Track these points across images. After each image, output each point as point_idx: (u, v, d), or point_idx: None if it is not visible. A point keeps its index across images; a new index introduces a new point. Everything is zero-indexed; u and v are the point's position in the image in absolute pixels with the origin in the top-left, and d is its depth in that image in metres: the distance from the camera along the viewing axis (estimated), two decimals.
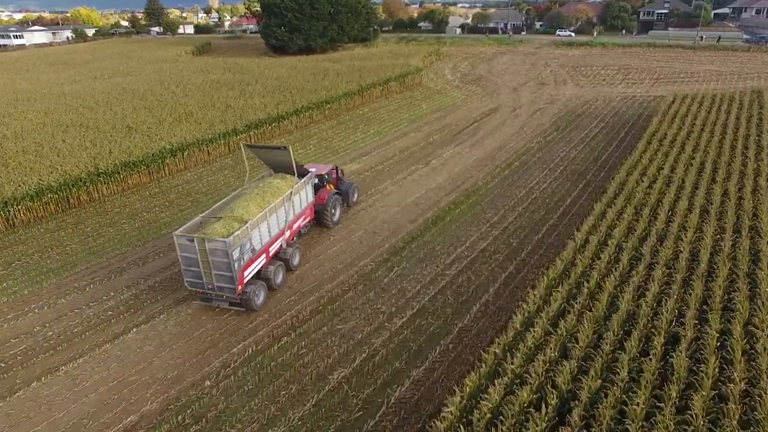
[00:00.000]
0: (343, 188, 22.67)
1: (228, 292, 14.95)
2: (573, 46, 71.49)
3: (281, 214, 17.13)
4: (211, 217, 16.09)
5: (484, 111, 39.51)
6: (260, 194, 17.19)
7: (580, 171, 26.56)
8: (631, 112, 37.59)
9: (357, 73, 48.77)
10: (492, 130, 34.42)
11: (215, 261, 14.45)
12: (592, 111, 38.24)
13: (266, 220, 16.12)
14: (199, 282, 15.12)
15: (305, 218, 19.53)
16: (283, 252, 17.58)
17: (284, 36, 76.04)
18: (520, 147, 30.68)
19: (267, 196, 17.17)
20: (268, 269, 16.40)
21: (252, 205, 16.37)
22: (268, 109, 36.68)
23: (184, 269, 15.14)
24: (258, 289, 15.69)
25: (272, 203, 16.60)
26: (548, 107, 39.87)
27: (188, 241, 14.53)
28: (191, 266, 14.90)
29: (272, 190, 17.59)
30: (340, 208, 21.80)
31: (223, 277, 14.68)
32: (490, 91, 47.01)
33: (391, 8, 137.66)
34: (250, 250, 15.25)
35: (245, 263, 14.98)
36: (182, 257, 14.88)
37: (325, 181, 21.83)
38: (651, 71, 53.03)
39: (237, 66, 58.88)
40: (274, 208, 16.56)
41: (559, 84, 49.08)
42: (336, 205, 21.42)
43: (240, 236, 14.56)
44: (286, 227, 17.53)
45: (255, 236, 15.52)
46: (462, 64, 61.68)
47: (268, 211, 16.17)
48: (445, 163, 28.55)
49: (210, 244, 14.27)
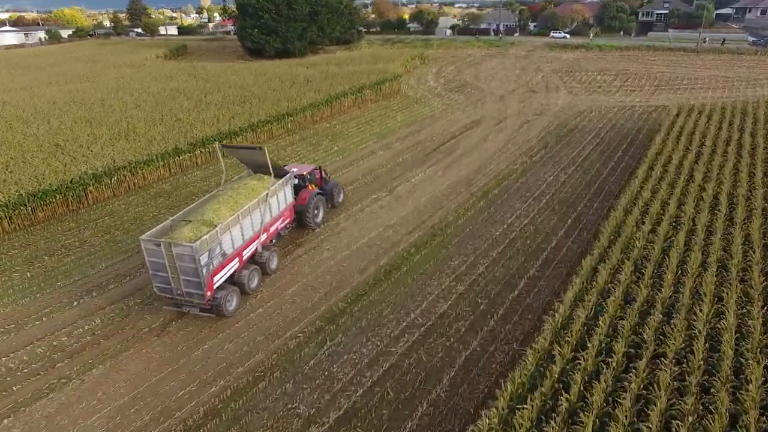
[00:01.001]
0: (327, 188, 22.24)
1: (197, 298, 14.74)
2: (567, 49, 67.94)
3: (256, 217, 16.90)
4: (181, 220, 15.77)
5: (465, 124, 35.75)
6: (233, 196, 16.82)
7: (570, 201, 22.79)
8: (630, 125, 33.89)
9: (329, 80, 45.09)
10: (471, 147, 30.65)
11: (182, 266, 14.26)
12: (585, 124, 34.51)
13: (239, 224, 15.91)
14: (168, 287, 14.91)
15: (284, 220, 19.19)
16: (258, 255, 17.32)
17: (260, 38, 72.31)
18: (501, 169, 26.90)
19: (240, 198, 16.81)
20: (241, 274, 16.20)
21: (224, 208, 16.01)
22: (221, 123, 32.90)
23: (153, 274, 14.96)
24: (230, 294, 15.50)
25: (246, 205, 16.33)
26: (537, 119, 36.15)
27: (155, 245, 14.32)
28: (159, 271, 14.71)
29: (246, 192, 17.24)
30: (323, 209, 21.61)
31: (191, 282, 14.49)
32: (475, 99, 43.28)
33: (381, 8, 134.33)
34: (221, 254, 15.02)
35: (215, 268, 14.76)
36: (149, 262, 14.72)
37: (306, 182, 21.30)
38: (651, 77, 49.43)
39: (204, 72, 55.15)
40: (247, 210, 16.35)
41: (550, 91, 45.41)
42: (319, 205, 21.20)
43: (208, 240, 14.35)
44: (261, 230, 17.25)
45: (226, 240, 15.31)
46: (447, 69, 58.01)
47: (240, 213, 15.94)
48: (413, 190, 24.76)
49: (177, 249, 14.07)
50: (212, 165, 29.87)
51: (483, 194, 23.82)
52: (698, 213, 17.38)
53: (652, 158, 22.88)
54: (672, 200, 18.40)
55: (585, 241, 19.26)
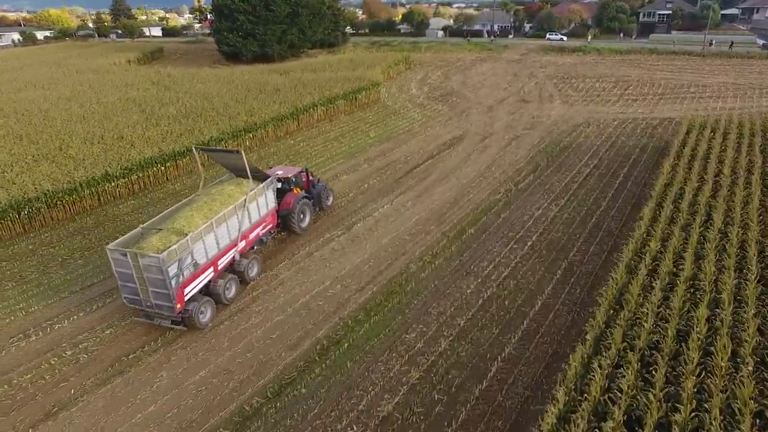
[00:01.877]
0: (314, 192, 21.67)
1: (166, 310, 14.31)
2: (564, 53, 64.44)
3: (233, 224, 16.32)
4: (151, 228, 15.25)
5: (445, 140, 32.06)
6: (208, 203, 16.26)
7: (560, 244, 19.07)
8: (632, 143, 30.22)
9: (301, 89, 41.41)
10: (449, 170, 26.94)
11: (150, 278, 13.83)
12: (582, 141, 30.84)
13: (213, 231, 15.36)
14: (137, 299, 14.52)
15: (266, 226, 18.63)
16: (237, 264, 16.80)
17: (237, 42, 68.76)
18: (481, 200, 23.19)
19: (216, 204, 16.25)
20: (217, 284, 15.71)
21: (197, 215, 15.50)
22: (166, 142, 29.16)
23: (121, 285, 14.58)
24: (203, 306, 14.99)
25: (221, 212, 15.77)
26: (527, 135, 32.48)
27: (121, 255, 13.92)
28: (127, 282, 14.33)
29: (223, 198, 16.67)
30: (310, 213, 21.03)
31: (160, 294, 14.03)
32: (459, 111, 39.60)
33: (372, 8, 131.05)
34: (192, 264, 14.55)
35: (185, 279, 14.30)
36: (117, 272, 14.35)
37: (292, 185, 20.71)
38: (654, 84, 45.85)
39: (168, 79, 51.40)
40: (223, 217, 15.78)
41: (544, 101, 41.77)
42: (305, 210, 20.66)
43: (177, 250, 13.90)
44: (239, 237, 16.69)
45: (198, 249, 14.79)
46: (434, 75, 54.38)
47: (215, 221, 15.40)
48: (374, 228, 21.04)
49: (143, 260, 13.64)
50: (151, 192, 26.18)
51: (456, 234, 20.08)
52: (722, 273, 13.67)
53: (660, 192, 19.15)
54: (687, 253, 14.67)
55: (577, 303, 15.55)
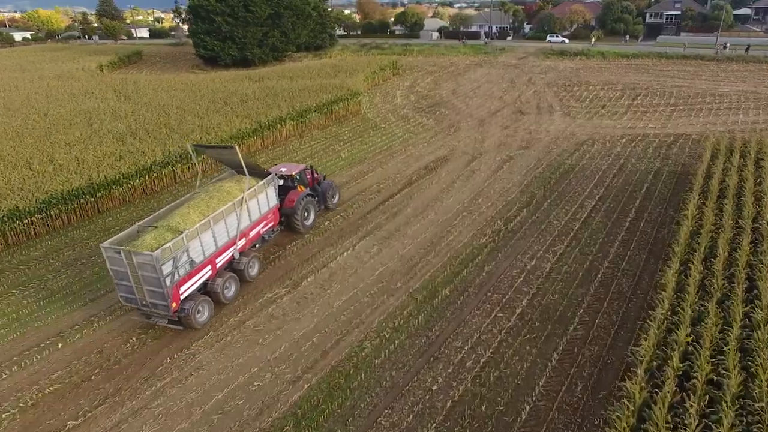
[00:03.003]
0: (319, 190, 21.53)
1: (162, 309, 14.17)
2: (565, 57, 60.65)
3: (231, 222, 16.13)
4: (147, 225, 15.17)
5: (428, 162, 28.18)
6: (206, 200, 16.07)
7: (559, 312, 15.15)
8: (644, 166, 26.31)
9: (271, 99, 37.65)
10: (428, 202, 23.04)
11: (145, 276, 13.69)
12: (585, 164, 26.92)
13: (210, 229, 15.17)
14: (133, 297, 14.40)
15: (267, 224, 18.43)
16: (236, 262, 16.62)
17: (215, 45, 65.11)
18: (463, 243, 19.28)
19: (214, 201, 16.03)
20: (215, 282, 15.58)
21: (193, 213, 15.32)
22: (102, 166, 25.32)
23: (117, 283, 14.44)
24: (200, 305, 14.85)
25: (218, 210, 15.58)
26: (522, 156, 28.59)
27: (116, 253, 13.77)
28: (123, 280, 14.18)
29: (221, 195, 16.44)
30: (314, 211, 20.89)
31: (155, 293, 13.89)
32: (447, 124, 35.73)
33: (366, 9, 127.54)
34: (188, 263, 14.34)
35: (181, 278, 14.11)
36: (112, 270, 14.24)
37: (296, 182, 20.44)
38: (665, 93, 41.97)
39: (133, 87, 47.61)
40: (221, 215, 15.60)
41: (543, 113, 37.91)
42: (309, 208, 20.50)
43: (172, 248, 13.70)
44: (238, 236, 16.45)
45: (195, 247, 14.59)
46: (423, 81, 50.55)
47: (212, 218, 15.19)
48: (327, 284, 17.14)
49: (137, 258, 13.51)
50: (75, 230, 22.30)
51: (427, 297, 16.15)
52: None
53: (684, 247, 15.21)
54: (729, 348, 10.74)
55: (579, 409, 11.62)
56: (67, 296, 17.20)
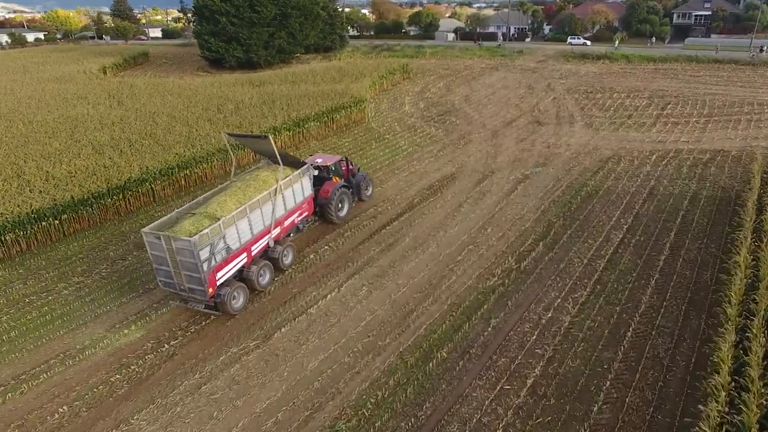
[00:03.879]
0: (354, 181, 21.83)
1: (199, 294, 14.61)
2: (587, 60, 57.36)
3: (267, 210, 16.49)
4: (186, 212, 15.64)
5: (432, 181, 25.49)
6: (243, 188, 16.44)
7: (579, 386, 12.37)
8: (678, 189, 23.27)
9: (267, 107, 35.31)
10: (430, 230, 20.36)
11: (183, 261, 14.13)
12: (610, 187, 23.95)
13: (246, 217, 15.56)
14: (171, 282, 14.90)
15: (301, 213, 18.71)
16: (271, 251, 16.98)
17: (219, 47, 63.17)
18: (467, 287, 16.59)
19: (250, 190, 16.37)
20: (250, 270, 15.94)
21: (230, 200, 15.67)
22: (71, 184, 23.14)
23: (156, 268, 15.00)
24: (236, 291, 15.27)
25: (255, 198, 15.96)
26: (539, 175, 25.75)
27: (156, 238, 14.26)
28: (162, 265, 14.70)
29: (257, 184, 16.78)
30: (348, 202, 21.11)
31: (193, 278, 14.35)
32: (458, 136, 32.97)
33: (380, 9, 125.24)
34: (224, 249, 14.74)
35: (217, 264, 14.51)
36: (152, 255, 14.75)
37: (331, 173, 20.77)
38: (698, 101, 38.63)
39: (129, 90, 45.72)
40: (257, 203, 15.99)
41: (562, 123, 34.93)
42: (343, 199, 20.78)
43: (209, 235, 14.10)
44: (273, 224, 16.80)
45: (231, 234, 14.99)
46: (434, 86, 47.81)
47: (248, 206, 15.59)
48: (303, 337, 14.62)
49: (176, 243, 13.97)
50: (30, 258, 20.07)
51: (420, 358, 13.51)
52: None
53: (738, 308, 12.30)
54: None
55: None
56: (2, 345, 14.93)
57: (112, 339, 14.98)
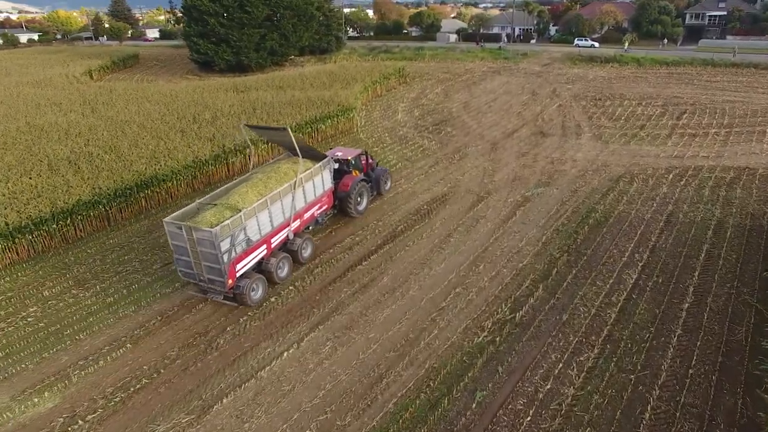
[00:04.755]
0: (374, 175, 22.13)
1: (218, 285, 14.73)
2: (595, 63, 54.63)
3: (287, 203, 16.53)
4: (207, 203, 15.68)
5: (420, 205, 22.89)
6: (264, 180, 16.49)
7: None
8: (700, 217, 20.55)
9: (246, 117, 32.87)
10: (411, 268, 17.77)
11: (203, 252, 14.22)
12: (622, 212, 21.25)
13: (267, 209, 15.63)
14: (191, 273, 15.02)
15: (321, 206, 18.86)
16: (290, 243, 17.07)
17: (208, 49, 60.89)
18: (450, 344, 13.98)
19: (271, 182, 16.44)
20: (269, 262, 16.05)
21: (251, 192, 15.73)
22: (10, 209, 20.65)
23: (176, 258, 15.10)
24: (255, 283, 15.36)
25: (276, 190, 15.99)
26: (541, 197, 23.11)
27: (177, 228, 14.39)
28: (182, 255, 14.79)
29: (278, 176, 16.85)
30: (367, 196, 21.27)
31: (213, 269, 14.44)
32: (453, 149, 30.35)
33: (382, 9, 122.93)
34: (245, 241, 14.83)
35: (237, 255, 14.60)
36: (173, 245, 14.88)
37: (351, 167, 20.96)
38: (716, 110, 35.84)
39: (107, 96, 43.41)
40: (277, 195, 16.03)
41: (568, 134, 32.26)
42: (362, 193, 20.91)
43: (231, 226, 14.21)
44: (292, 216, 16.87)
45: (251, 226, 15.07)
46: (432, 92, 45.21)
47: (269, 198, 15.65)
48: (245, 416, 12.12)
49: (197, 234, 14.07)
50: None
51: None
52: None
53: None
54: None
55: None
56: None
57: (16, 411, 12.46)
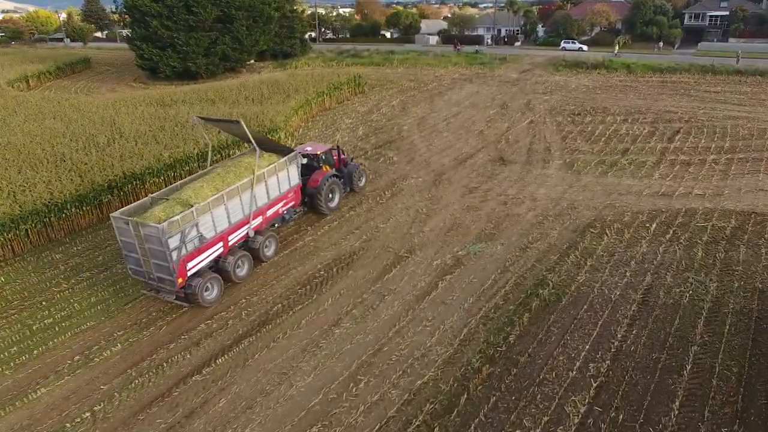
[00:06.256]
0: (345, 171, 21.54)
1: (168, 284, 14.26)
2: (580, 70, 49.25)
3: (246, 199, 16.08)
4: (160, 198, 15.33)
5: (317, 268, 17.42)
6: (222, 174, 16.05)
7: None
8: (689, 296, 15.01)
9: (148, 138, 27.42)
10: (263, 384, 12.36)
11: (151, 248, 13.79)
12: (582, 287, 15.70)
13: (223, 205, 15.19)
14: (141, 270, 14.57)
15: (287, 203, 18.41)
16: (251, 241, 16.64)
17: (153, 54, 55.52)
18: None
19: (230, 176, 16.01)
20: (226, 260, 15.56)
21: (207, 187, 15.26)
22: None
23: (125, 255, 14.71)
24: (209, 282, 14.87)
25: (233, 185, 15.53)
26: (479, 259, 17.62)
27: (124, 224, 13.99)
28: (131, 252, 14.40)
29: (238, 171, 16.36)
30: (340, 193, 20.89)
31: (161, 267, 13.99)
32: (387, 182, 24.87)
33: (365, 9, 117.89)
34: (197, 238, 14.37)
35: (189, 253, 14.15)
36: (121, 242, 14.47)
37: (321, 162, 20.43)
38: (716, 129, 30.39)
39: (11, 109, 37.98)
40: (236, 190, 15.61)
41: (534, 161, 26.82)
42: (334, 189, 20.51)
43: (180, 222, 13.76)
44: (253, 213, 16.40)
45: (205, 222, 14.64)
46: (388, 104, 39.78)
47: (226, 194, 15.24)
48: None
49: (144, 230, 13.63)
50: None
51: None
52: None
53: None
54: None
55: None
56: None
57: None
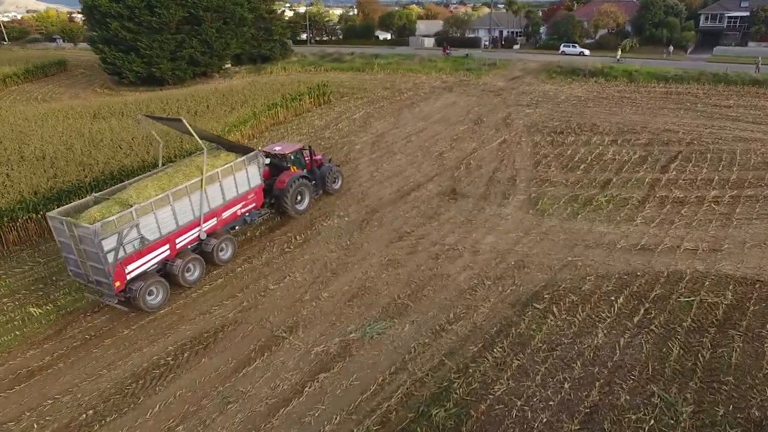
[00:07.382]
0: (318, 172, 20.96)
1: (106, 287, 13.84)
2: (576, 78, 44.27)
3: (195, 199, 15.49)
4: (103, 197, 14.92)
5: (160, 355, 13.14)
6: (170, 175, 15.53)
7: None
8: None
9: (48, 162, 23.51)
10: None
11: (87, 250, 13.40)
12: (494, 407, 11.11)
13: (168, 205, 14.69)
14: (80, 272, 14.20)
15: (246, 205, 17.72)
16: (204, 244, 16.14)
17: (116, 57, 51.98)
18: None
19: (178, 176, 15.48)
20: (173, 264, 15.13)
21: (151, 187, 14.78)
22: None
23: (65, 256, 14.38)
24: (151, 286, 14.43)
25: (180, 185, 14.97)
26: (374, 345, 13.19)
27: (60, 223, 13.65)
28: (69, 254, 14.04)
29: (189, 170, 15.81)
30: (309, 195, 20.26)
31: (97, 269, 13.59)
32: (304, 223, 20.45)
33: (366, 9, 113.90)
34: (138, 240, 13.97)
35: (127, 255, 13.76)
36: (59, 242, 14.12)
37: (289, 163, 19.79)
38: (721, 154, 25.40)
39: None
40: (183, 191, 15.05)
41: (491, 195, 22.21)
42: (303, 191, 19.91)
43: (117, 223, 13.32)
44: (205, 215, 15.86)
45: (148, 224, 14.19)
46: (350, 117, 35.42)
47: (171, 194, 14.71)
48: None
49: (78, 230, 13.22)
50: None
51: None
52: None
53: None
54: None
55: None
56: None
57: None
